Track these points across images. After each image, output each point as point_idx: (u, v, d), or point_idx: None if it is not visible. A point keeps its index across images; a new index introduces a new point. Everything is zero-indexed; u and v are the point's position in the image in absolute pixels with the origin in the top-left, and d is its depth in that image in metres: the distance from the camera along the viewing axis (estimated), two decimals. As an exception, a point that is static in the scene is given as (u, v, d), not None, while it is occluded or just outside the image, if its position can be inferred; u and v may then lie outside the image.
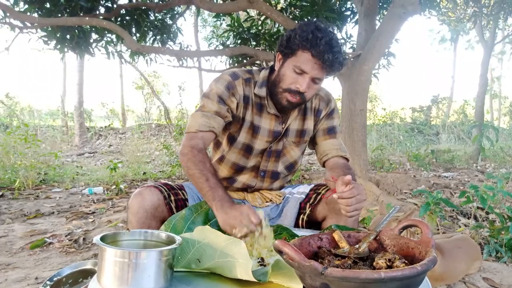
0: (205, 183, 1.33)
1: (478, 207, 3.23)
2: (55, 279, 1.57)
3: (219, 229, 1.27)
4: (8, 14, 4.18)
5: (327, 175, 1.57)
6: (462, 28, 10.50)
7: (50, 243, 2.84)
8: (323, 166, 1.65)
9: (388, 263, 0.87)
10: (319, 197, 1.55)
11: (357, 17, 4.65)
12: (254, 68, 1.64)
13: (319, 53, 1.36)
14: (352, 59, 4.06)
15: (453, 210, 3.55)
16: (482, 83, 8.70)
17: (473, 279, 2.14)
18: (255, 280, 0.99)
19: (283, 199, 1.70)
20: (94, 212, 3.78)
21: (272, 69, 1.58)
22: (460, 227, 3.15)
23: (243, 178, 1.66)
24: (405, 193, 4.59)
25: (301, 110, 1.64)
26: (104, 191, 4.77)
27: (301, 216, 1.59)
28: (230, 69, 1.63)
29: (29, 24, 4.36)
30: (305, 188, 1.67)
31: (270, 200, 1.68)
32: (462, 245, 2.16)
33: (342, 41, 5.03)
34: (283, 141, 1.64)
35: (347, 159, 1.62)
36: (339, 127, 1.72)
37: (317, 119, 1.67)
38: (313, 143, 1.71)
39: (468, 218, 3.33)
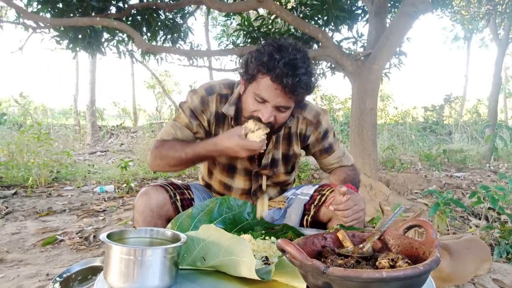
0: (190, 148, 1.37)
1: (489, 208, 3.19)
2: (64, 275, 1.60)
3: (225, 227, 1.28)
4: (21, 15, 4.25)
5: (331, 179, 1.57)
6: (475, 26, 10.35)
7: (61, 240, 2.88)
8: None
9: (391, 263, 0.86)
10: (323, 198, 1.54)
11: (367, 16, 4.61)
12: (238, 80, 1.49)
13: (278, 77, 1.22)
14: (362, 58, 4.04)
15: (464, 211, 3.51)
16: (495, 82, 8.57)
17: (482, 280, 2.12)
18: (259, 279, 0.99)
19: (286, 200, 1.68)
20: (104, 210, 3.82)
21: None
22: (470, 227, 3.12)
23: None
24: (416, 193, 4.56)
25: (284, 136, 1.54)
26: (115, 189, 4.82)
27: (305, 217, 1.58)
28: (209, 82, 1.53)
29: (42, 24, 4.42)
30: (309, 189, 1.64)
31: (273, 207, 1.67)
32: (471, 246, 2.14)
33: (353, 39, 4.99)
34: (273, 171, 1.57)
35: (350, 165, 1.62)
36: (335, 138, 1.62)
37: (305, 144, 1.58)
38: (312, 154, 1.66)
39: (479, 219, 3.29)
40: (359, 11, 4.89)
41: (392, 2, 4.88)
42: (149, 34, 5.08)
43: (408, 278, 0.75)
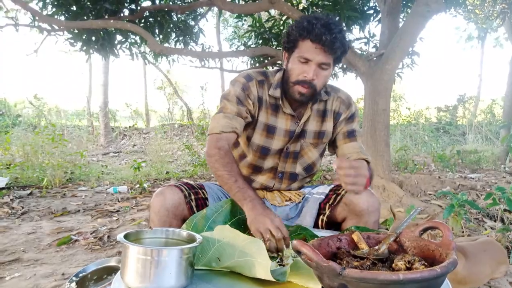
0: (234, 184, 1.37)
1: (505, 210, 3.14)
2: (80, 275, 1.63)
3: (239, 228, 1.29)
4: (37, 18, 4.32)
5: None
6: (489, 25, 10.20)
7: (76, 240, 2.91)
8: None
9: (408, 265, 0.86)
10: (338, 198, 1.54)
11: (380, 16, 4.59)
12: (270, 69, 1.67)
13: (317, 36, 1.39)
14: (374, 58, 4.01)
15: (479, 213, 3.46)
16: (510, 81, 8.44)
17: (499, 283, 2.09)
18: (274, 280, 1.00)
19: (302, 198, 1.70)
20: (118, 211, 3.85)
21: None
22: (486, 229, 3.07)
23: (261, 179, 1.68)
24: (430, 194, 4.51)
25: (320, 112, 1.65)
26: (128, 190, 4.86)
27: (321, 216, 1.58)
28: (244, 71, 1.68)
29: (56, 27, 4.48)
30: (324, 189, 1.66)
31: (289, 199, 1.69)
32: (487, 248, 2.10)
33: (365, 40, 4.97)
34: (300, 142, 1.65)
35: (368, 162, 1.60)
36: (359, 130, 1.72)
37: (336, 121, 1.68)
38: (333, 146, 1.72)
39: (495, 221, 3.25)
40: (371, 11, 4.86)
41: (404, 2, 4.84)
42: (161, 36, 5.12)
43: (426, 280, 0.74)
